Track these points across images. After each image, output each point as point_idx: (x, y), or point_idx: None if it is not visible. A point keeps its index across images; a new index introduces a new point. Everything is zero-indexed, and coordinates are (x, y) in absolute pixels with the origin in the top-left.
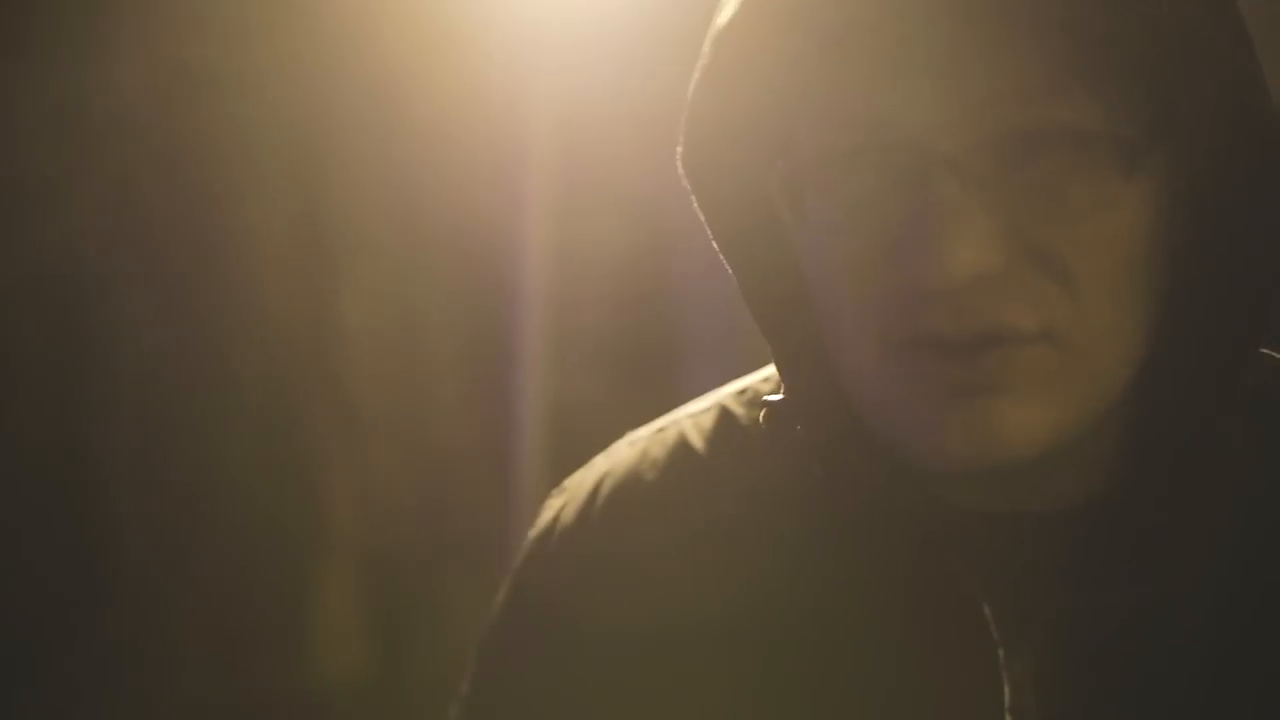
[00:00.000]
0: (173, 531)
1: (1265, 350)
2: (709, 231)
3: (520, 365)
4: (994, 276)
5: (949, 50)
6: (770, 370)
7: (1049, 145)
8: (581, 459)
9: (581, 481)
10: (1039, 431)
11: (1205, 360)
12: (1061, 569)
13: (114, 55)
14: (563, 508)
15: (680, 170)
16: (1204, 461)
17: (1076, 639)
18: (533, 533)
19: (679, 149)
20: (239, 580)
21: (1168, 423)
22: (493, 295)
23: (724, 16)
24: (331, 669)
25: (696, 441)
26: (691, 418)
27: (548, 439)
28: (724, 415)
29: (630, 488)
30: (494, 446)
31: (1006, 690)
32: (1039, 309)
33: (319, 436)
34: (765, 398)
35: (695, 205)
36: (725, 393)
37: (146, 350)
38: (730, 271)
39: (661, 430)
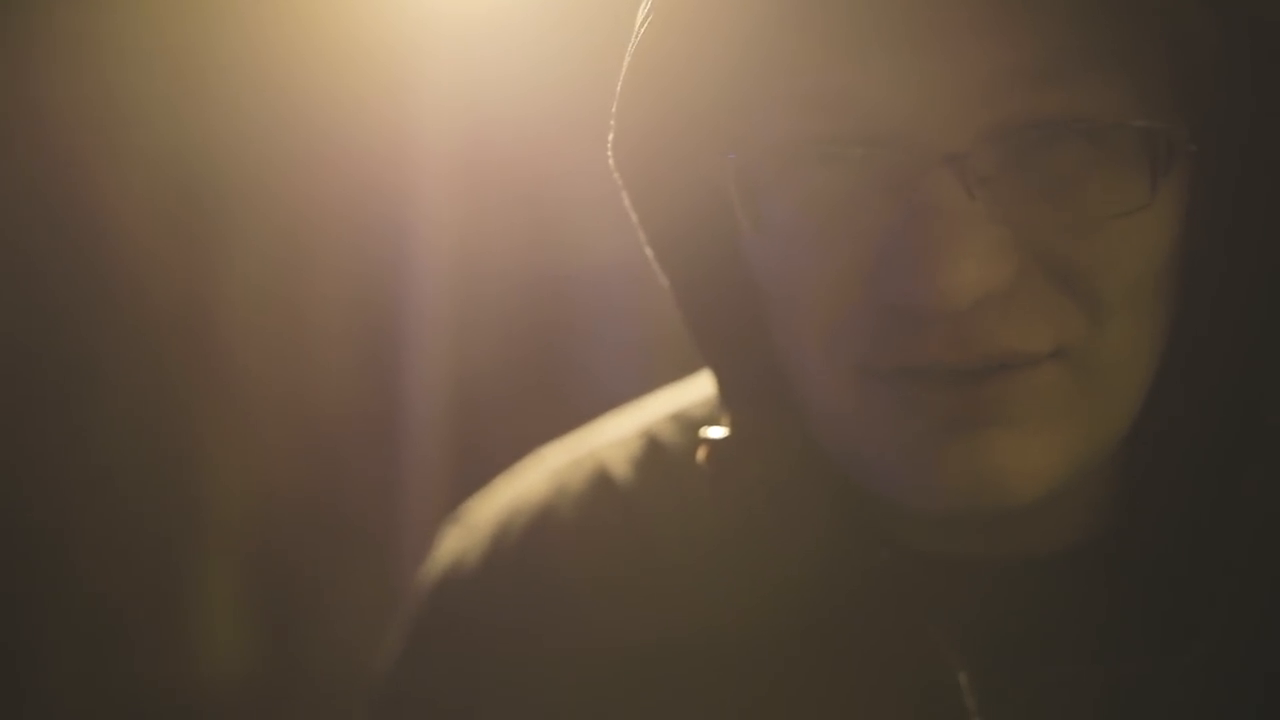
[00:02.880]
0: (41, 527)
1: None
2: (642, 236)
3: (412, 353)
4: (1001, 296)
5: (947, 19)
6: (706, 391)
7: (1066, 137)
8: (473, 450)
9: (484, 516)
10: (1046, 470)
11: (1222, 387)
12: (1048, 627)
13: None
14: (466, 548)
15: (610, 163)
16: (1218, 505)
17: (1065, 714)
18: (430, 574)
19: (609, 137)
20: (113, 577)
21: (1175, 457)
22: (384, 285)
23: None
24: (212, 668)
25: (621, 474)
26: (613, 447)
27: (439, 429)
28: (652, 445)
29: (545, 526)
30: (383, 437)
31: None
32: (1052, 327)
33: (197, 426)
34: (706, 432)
35: (627, 204)
36: (652, 416)
37: (6, 340)
38: (666, 283)
39: (578, 461)
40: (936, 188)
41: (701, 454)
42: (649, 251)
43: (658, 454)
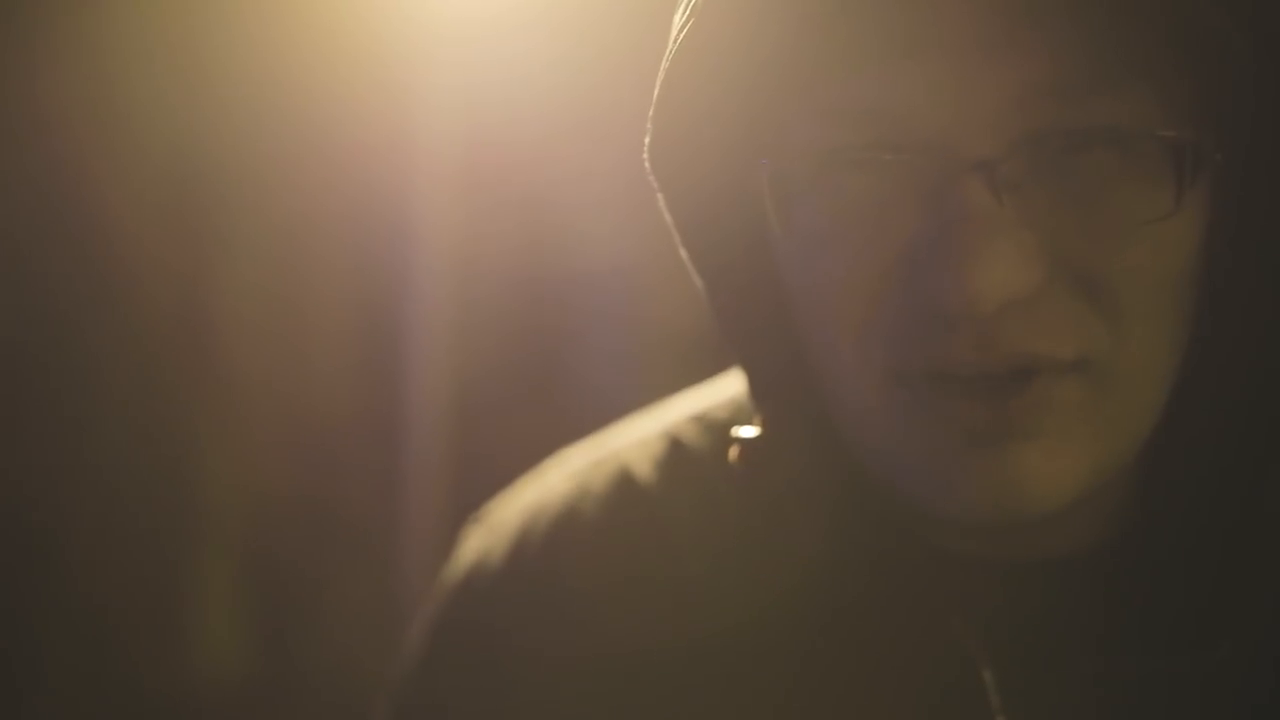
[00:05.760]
0: (38, 528)
1: None
2: (676, 237)
3: (410, 355)
4: (1027, 300)
5: (980, 32)
6: (726, 394)
7: (1094, 146)
8: (471, 452)
9: (507, 517)
10: (1069, 481)
11: (1243, 392)
12: (1071, 627)
13: None
14: (489, 548)
15: (646, 165)
16: (1240, 508)
17: (1087, 712)
18: (452, 574)
19: (646, 140)
20: (110, 579)
21: (1197, 460)
22: (383, 287)
23: None
24: (210, 670)
25: (643, 475)
26: (636, 448)
27: (437, 431)
28: (675, 446)
29: (569, 527)
30: (381, 439)
31: None
32: (1076, 336)
33: (195, 427)
34: (737, 432)
35: (662, 206)
36: (674, 418)
37: (3, 340)
38: (699, 284)
39: (601, 461)
40: (966, 194)
41: (733, 454)
42: (683, 253)
43: (681, 455)
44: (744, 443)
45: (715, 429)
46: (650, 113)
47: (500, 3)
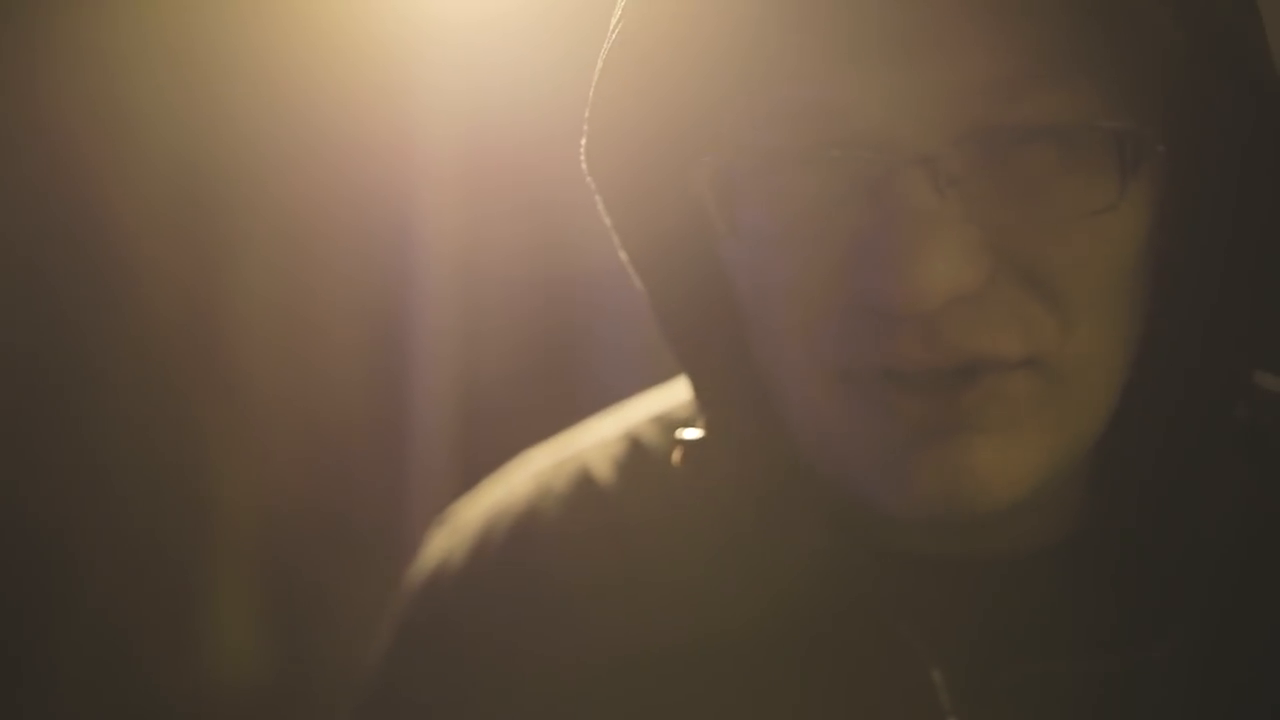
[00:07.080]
0: (48, 535)
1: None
2: (615, 239)
3: (418, 359)
4: (973, 296)
5: (923, 29)
6: (688, 394)
7: (1036, 139)
8: (480, 457)
9: (470, 518)
10: (1020, 475)
11: (1190, 388)
12: (1021, 626)
13: None
14: (451, 549)
15: (583, 166)
16: (1188, 505)
17: (1038, 710)
18: (416, 573)
19: (582, 140)
20: (120, 586)
21: (1145, 458)
22: (391, 291)
23: None
24: (221, 677)
25: (603, 476)
26: (596, 449)
27: (447, 436)
28: (634, 447)
29: (529, 526)
30: (390, 444)
31: None
32: (1024, 332)
33: (204, 433)
34: (681, 433)
35: (600, 207)
36: (636, 417)
37: (10, 348)
38: (640, 287)
39: (562, 462)
40: (907, 188)
41: (676, 455)
42: (622, 255)
43: (640, 456)
44: (687, 445)
45: (675, 429)
46: (585, 113)
47: (506, 3)
